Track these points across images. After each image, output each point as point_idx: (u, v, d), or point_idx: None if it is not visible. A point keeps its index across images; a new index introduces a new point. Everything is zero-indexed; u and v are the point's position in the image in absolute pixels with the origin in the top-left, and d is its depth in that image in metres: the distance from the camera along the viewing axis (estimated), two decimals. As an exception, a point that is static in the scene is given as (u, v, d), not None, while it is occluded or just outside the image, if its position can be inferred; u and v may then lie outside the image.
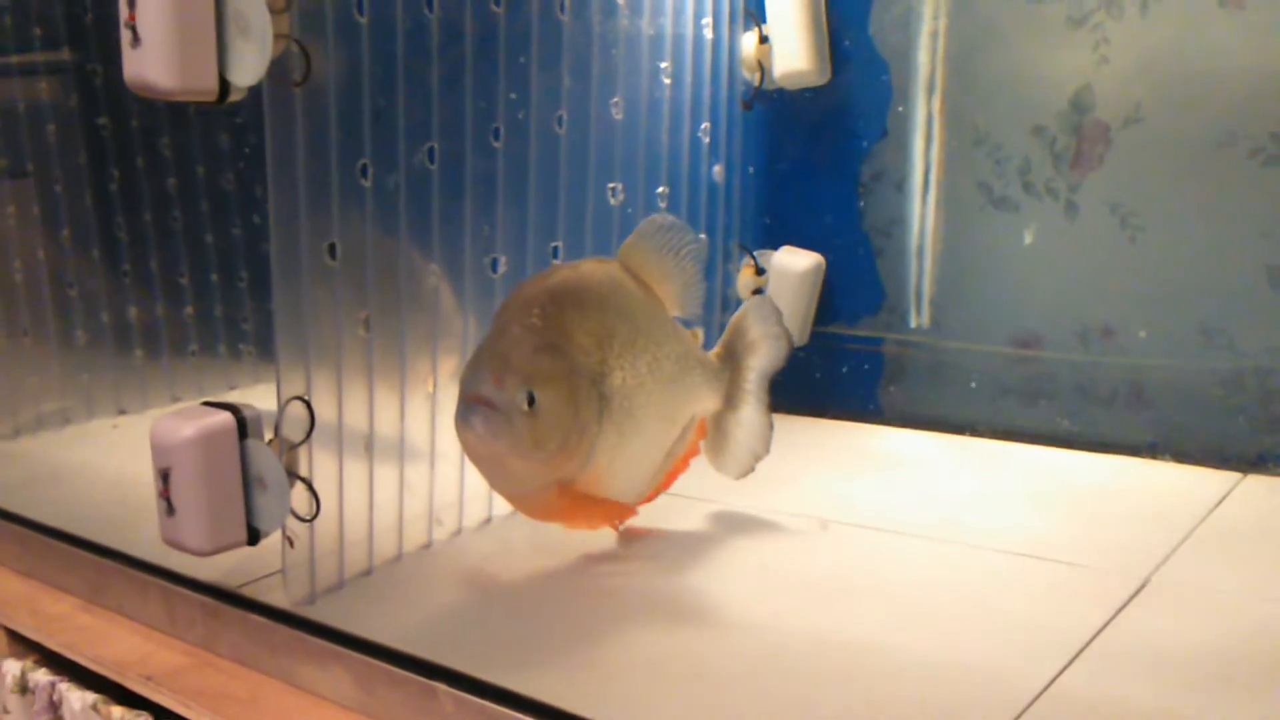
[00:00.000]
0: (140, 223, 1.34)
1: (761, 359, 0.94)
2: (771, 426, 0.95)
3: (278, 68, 0.73)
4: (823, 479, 1.07)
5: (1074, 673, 0.67)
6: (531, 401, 0.75)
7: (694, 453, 0.94)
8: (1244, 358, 1.04)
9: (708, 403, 0.92)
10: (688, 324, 0.93)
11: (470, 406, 0.75)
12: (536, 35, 0.93)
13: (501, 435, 0.75)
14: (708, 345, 0.96)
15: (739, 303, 1.25)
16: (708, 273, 1.17)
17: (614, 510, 0.87)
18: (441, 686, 0.70)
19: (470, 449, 0.79)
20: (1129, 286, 1.09)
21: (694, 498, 1.01)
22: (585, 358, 0.80)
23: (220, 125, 1.39)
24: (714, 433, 0.94)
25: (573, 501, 0.82)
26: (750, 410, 0.94)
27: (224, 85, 0.72)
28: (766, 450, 0.95)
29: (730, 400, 0.93)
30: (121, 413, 1.35)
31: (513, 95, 0.90)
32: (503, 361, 0.76)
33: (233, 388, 1.42)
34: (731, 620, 0.77)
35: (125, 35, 0.70)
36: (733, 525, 0.96)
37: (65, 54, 1.28)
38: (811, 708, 0.65)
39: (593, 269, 0.85)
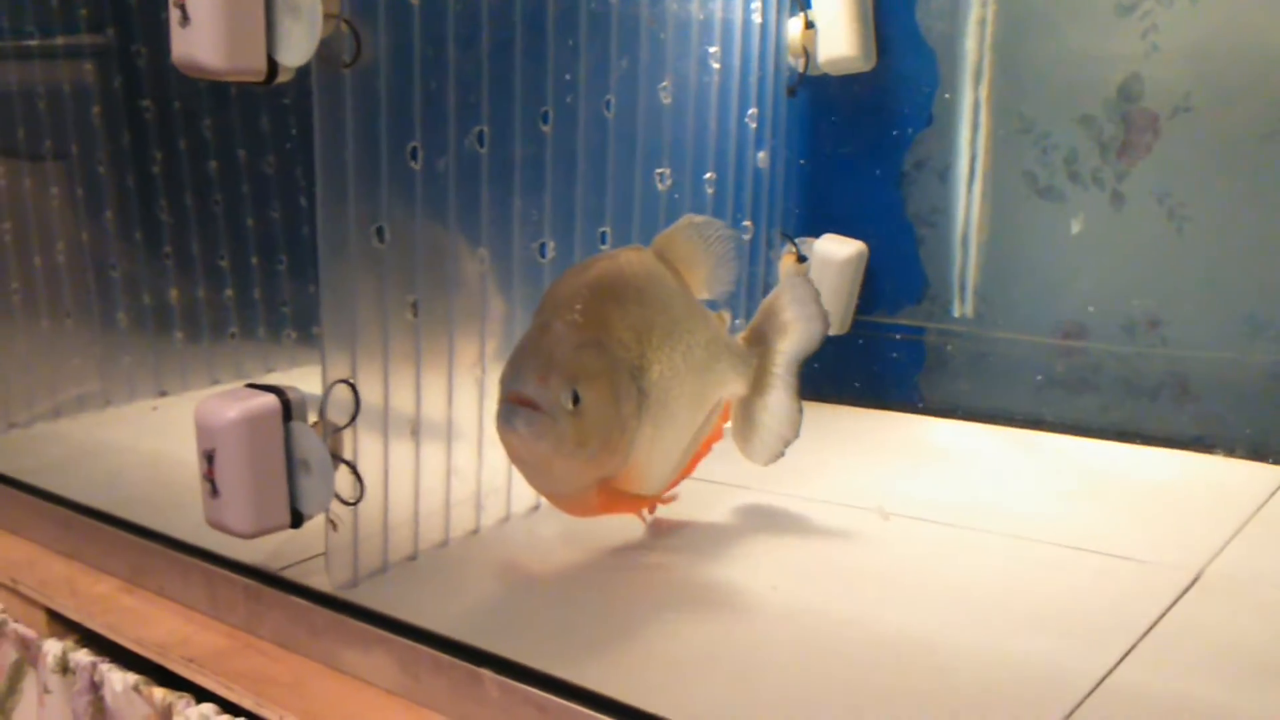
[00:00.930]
0: (182, 205, 1.34)
1: (793, 342, 0.92)
2: (801, 411, 0.92)
3: (327, 48, 0.73)
4: (864, 469, 1.07)
5: (1129, 666, 0.67)
6: (576, 400, 0.73)
7: (717, 437, 0.92)
8: (1292, 351, 1.03)
9: (735, 387, 0.91)
10: (714, 305, 0.91)
11: (513, 408, 0.74)
12: (585, 18, 0.92)
13: (546, 436, 0.73)
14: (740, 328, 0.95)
15: (780, 290, 1.24)
16: (748, 258, 1.17)
17: (647, 502, 0.86)
18: (487, 673, 0.69)
19: (513, 451, 0.77)
20: (1176, 278, 1.08)
21: (734, 485, 1.00)
22: (625, 352, 0.78)
23: (262, 108, 1.39)
24: (741, 418, 0.93)
25: (610, 497, 0.81)
26: (778, 395, 0.92)
27: (272, 65, 0.71)
28: (796, 435, 0.93)
29: (758, 385, 0.92)
30: (162, 394, 1.35)
31: (566, 78, 0.90)
32: (547, 359, 0.74)
33: (271, 370, 1.42)
34: (778, 611, 0.76)
35: (174, 14, 0.70)
36: (774, 515, 0.95)
37: (110, 35, 1.28)
38: (861, 700, 0.64)
39: (630, 258, 0.83)
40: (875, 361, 1.27)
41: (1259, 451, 1.04)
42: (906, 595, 0.78)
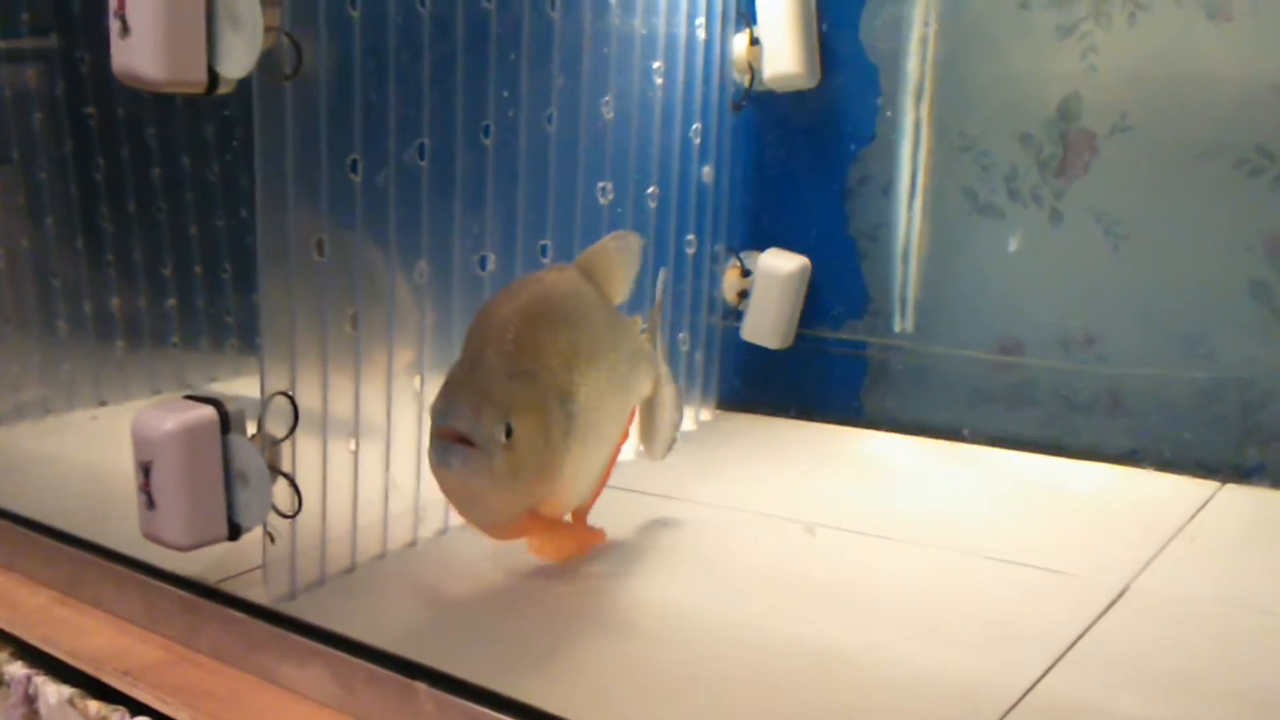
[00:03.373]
0: (125, 213, 1.33)
1: (658, 331, 0.95)
2: (680, 394, 0.96)
3: (268, 60, 0.73)
4: (804, 481, 1.07)
5: (1053, 679, 0.68)
6: (509, 433, 0.73)
7: (624, 438, 0.92)
8: (1224, 368, 1.04)
9: (645, 390, 0.92)
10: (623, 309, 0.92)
11: (447, 445, 0.73)
12: (528, 32, 0.92)
13: (481, 472, 0.73)
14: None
15: (726, 305, 1.25)
16: (692, 272, 1.18)
17: (584, 538, 0.86)
18: (422, 686, 0.69)
19: (447, 485, 0.77)
20: (1111, 295, 1.10)
21: (671, 497, 1.01)
22: (554, 379, 0.77)
23: (207, 117, 1.38)
24: (644, 418, 0.94)
25: (538, 523, 0.80)
26: (668, 385, 0.94)
27: (213, 77, 0.71)
28: (682, 417, 0.96)
29: (655, 380, 0.93)
30: (102, 404, 1.34)
31: (504, 93, 0.90)
32: (480, 393, 0.73)
33: (214, 380, 1.41)
34: (713, 624, 0.77)
35: (114, 25, 0.70)
36: (712, 526, 0.96)
37: (53, 41, 1.27)
38: (790, 712, 0.65)
39: (556, 280, 0.83)
40: (817, 375, 1.28)
41: (1189, 466, 1.06)
42: (835, 608, 0.79)
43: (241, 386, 1.34)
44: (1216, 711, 0.65)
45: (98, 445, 1.20)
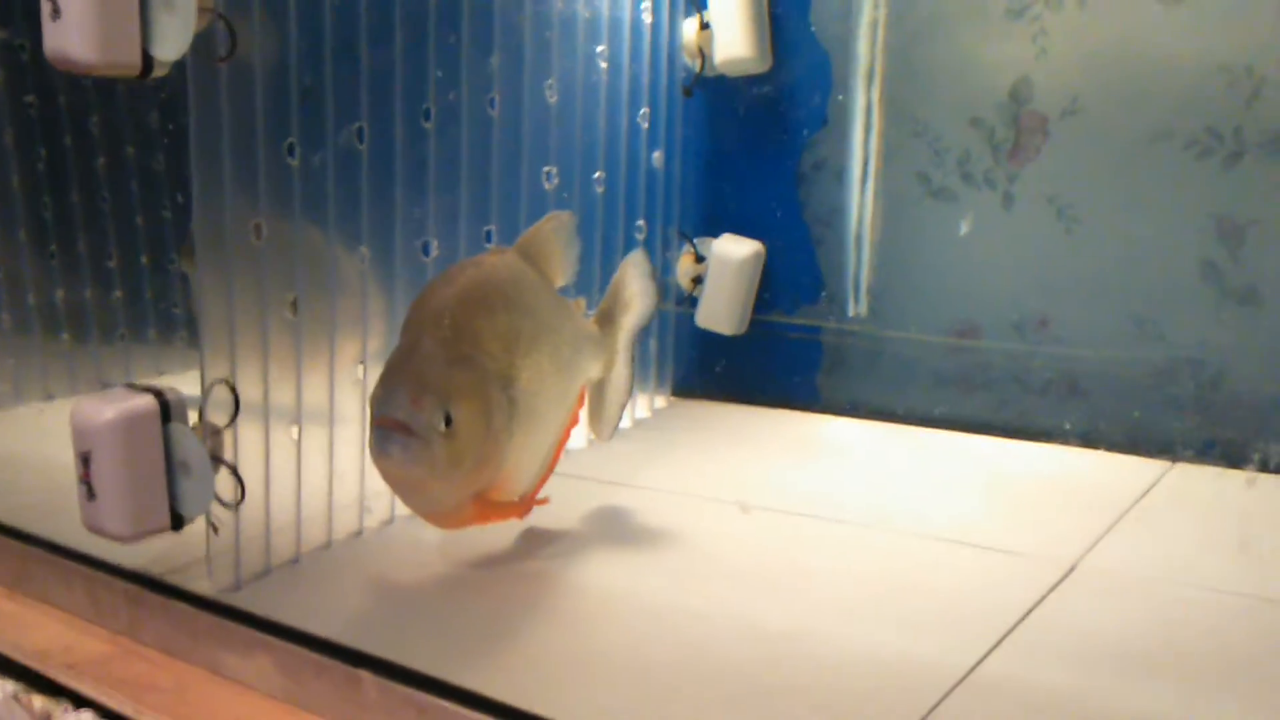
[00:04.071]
0: (68, 203, 1.31)
1: (634, 316, 0.94)
2: (634, 377, 0.95)
3: (202, 42, 0.72)
4: (758, 467, 1.07)
5: (996, 658, 0.68)
6: (448, 421, 0.72)
7: (574, 422, 0.92)
8: (1176, 349, 1.05)
9: (592, 372, 0.92)
10: (565, 292, 0.92)
11: (386, 433, 0.72)
12: (467, 14, 0.92)
13: (421, 461, 0.72)
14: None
15: (680, 291, 1.25)
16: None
17: (520, 509, 0.86)
18: (366, 674, 0.69)
19: (388, 475, 0.76)
20: (1065, 278, 1.10)
21: (624, 484, 1.00)
22: (494, 364, 0.77)
23: (150, 104, 1.37)
24: (593, 399, 0.94)
25: (483, 509, 0.80)
26: (620, 368, 0.94)
27: (147, 60, 0.70)
28: (630, 397, 0.96)
29: (606, 364, 0.93)
30: (49, 398, 1.33)
31: (438, 73, 0.89)
32: (418, 380, 0.72)
33: (162, 373, 1.39)
34: (658, 608, 0.77)
35: (45, 6, 0.69)
36: (663, 512, 0.95)
37: (-9, 30, 1.26)
38: (735, 694, 0.65)
39: (495, 264, 0.82)
40: (773, 360, 1.28)
41: (1141, 447, 1.07)
42: (782, 590, 0.79)
43: (192, 379, 1.33)
44: (1161, 689, 0.65)
45: (44, 440, 1.19)
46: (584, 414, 0.94)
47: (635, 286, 0.93)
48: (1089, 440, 1.10)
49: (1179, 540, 0.86)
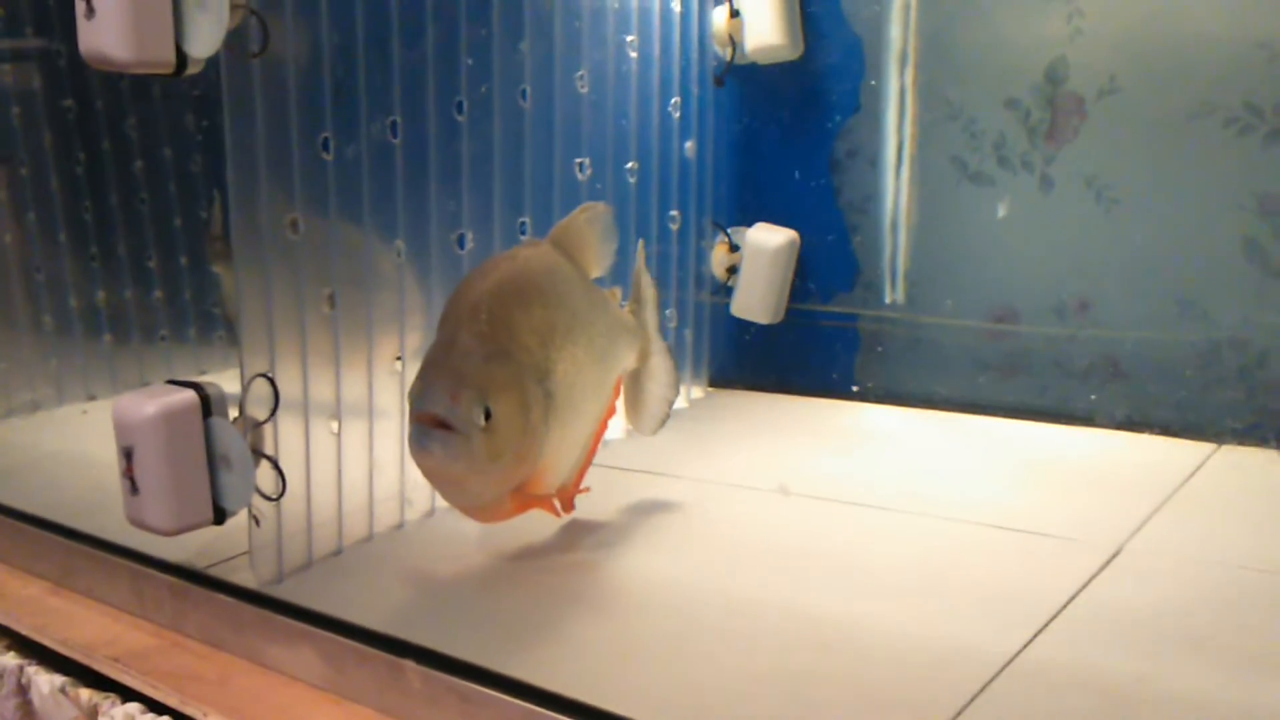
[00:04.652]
0: (107, 206, 1.33)
1: (650, 304, 0.94)
2: (677, 368, 0.95)
3: (235, 39, 0.72)
4: (798, 455, 1.07)
5: (1043, 642, 0.67)
6: (488, 415, 0.72)
7: (611, 413, 0.91)
8: (1219, 329, 1.04)
9: (628, 362, 0.91)
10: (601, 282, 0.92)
11: (425, 429, 0.72)
12: (498, 7, 0.92)
13: (460, 456, 0.72)
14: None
15: (714, 281, 1.25)
16: (677, 248, 1.17)
17: (559, 497, 0.86)
18: (409, 663, 0.69)
19: (427, 470, 0.76)
20: (1105, 259, 1.09)
21: (663, 473, 1.00)
22: (531, 357, 0.77)
23: (185, 105, 1.38)
24: (630, 390, 0.93)
25: (522, 501, 0.80)
26: (658, 359, 0.93)
27: (181, 57, 0.71)
28: (677, 393, 0.95)
29: (641, 354, 0.92)
30: (91, 398, 1.34)
31: (469, 61, 0.89)
32: (456, 376, 0.72)
33: (203, 372, 1.41)
34: (701, 596, 0.77)
35: (80, 6, 0.69)
36: (703, 501, 0.95)
37: (29, 36, 1.27)
38: (780, 681, 0.65)
39: (529, 256, 0.82)
40: (809, 349, 1.27)
41: (1185, 429, 1.05)
42: (826, 577, 0.79)
43: (231, 377, 1.34)
44: (1207, 671, 0.64)
45: (87, 439, 1.20)
46: (620, 405, 0.93)
47: (643, 277, 0.94)
48: (1132, 424, 1.08)
49: (1227, 522, 0.85)
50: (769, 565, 0.81)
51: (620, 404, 0.93)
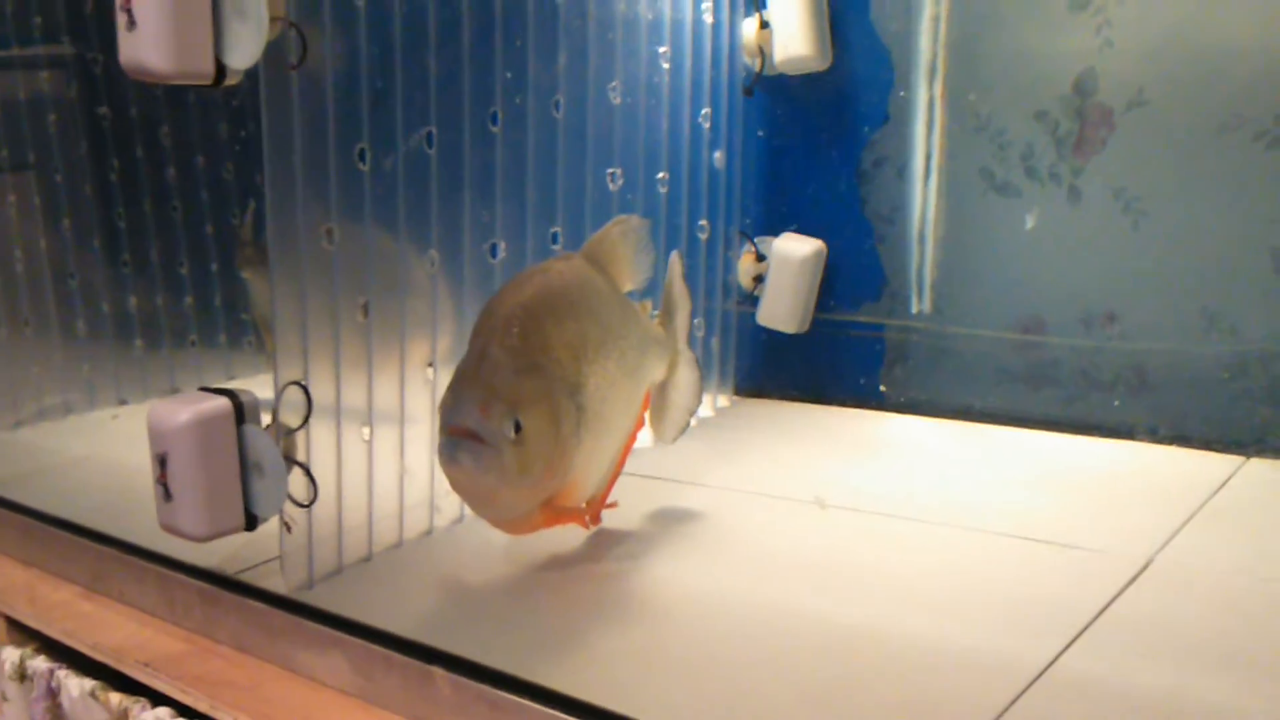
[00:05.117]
0: (140, 213, 1.34)
1: (681, 315, 0.93)
2: (702, 379, 0.95)
3: (274, 50, 0.73)
4: (824, 465, 1.07)
5: (1074, 654, 0.67)
6: (518, 428, 0.72)
7: (640, 425, 0.91)
8: (1247, 342, 1.03)
9: (657, 375, 0.91)
10: (633, 295, 0.92)
11: (455, 441, 0.72)
12: (533, 19, 0.92)
13: (491, 469, 0.72)
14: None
15: (741, 291, 1.25)
16: (705, 258, 1.17)
17: (588, 512, 0.86)
18: (438, 670, 0.69)
19: (457, 483, 0.77)
20: (1132, 271, 1.09)
21: (690, 482, 1.00)
22: (562, 371, 0.77)
23: (220, 114, 1.39)
24: (657, 401, 0.93)
25: (552, 514, 0.80)
26: (684, 370, 0.93)
27: (220, 68, 0.71)
28: (699, 403, 0.95)
29: (670, 365, 0.93)
30: (123, 403, 1.35)
31: (508, 74, 0.90)
32: (487, 389, 0.73)
33: (233, 378, 1.42)
34: (731, 606, 0.77)
35: (120, 18, 0.70)
36: (731, 510, 0.95)
37: (65, 44, 1.28)
38: (810, 691, 0.65)
39: (561, 269, 0.82)
40: (835, 359, 1.27)
41: (1213, 442, 1.05)
42: (854, 588, 0.79)
43: (261, 383, 1.35)
44: (1240, 684, 0.64)
45: (119, 444, 1.21)
46: (647, 415, 0.94)
47: (677, 287, 0.93)
48: (1160, 436, 1.08)
49: (1257, 535, 0.85)
50: (796, 574, 0.81)
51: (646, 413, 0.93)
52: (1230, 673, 0.65)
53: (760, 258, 1.24)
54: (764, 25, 1.19)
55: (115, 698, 0.83)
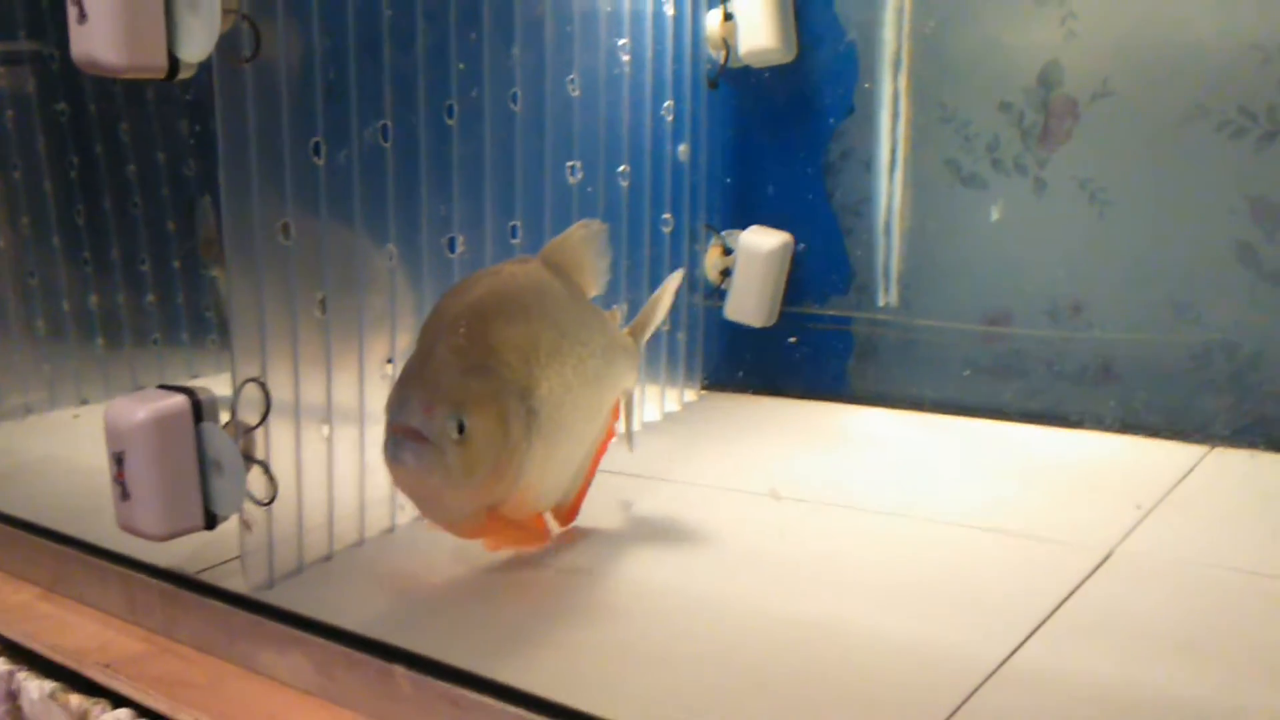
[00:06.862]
0: (100, 210, 1.33)
1: (650, 328, 0.94)
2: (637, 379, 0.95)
3: (227, 43, 0.72)
4: (790, 458, 1.07)
5: (1033, 646, 0.67)
6: (462, 429, 0.72)
7: (610, 435, 0.91)
8: (1212, 332, 1.04)
9: (627, 383, 0.91)
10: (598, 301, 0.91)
11: (399, 440, 0.72)
12: (488, 11, 0.92)
13: (434, 469, 0.72)
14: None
15: (708, 285, 1.25)
16: (669, 252, 1.17)
17: (538, 535, 0.84)
18: (399, 668, 0.69)
19: (401, 482, 0.76)
20: (1098, 262, 1.09)
21: (655, 477, 1.00)
22: (512, 373, 0.76)
23: (178, 110, 1.38)
24: (625, 409, 0.93)
25: (499, 524, 0.79)
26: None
27: (173, 62, 0.71)
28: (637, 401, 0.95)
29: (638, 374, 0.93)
30: (84, 402, 1.34)
31: (461, 65, 0.89)
32: (431, 388, 0.72)
33: (196, 376, 1.41)
34: (691, 600, 0.77)
35: (72, 11, 0.69)
36: (695, 505, 0.95)
37: (22, 39, 1.27)
38: (768, 685, 0.64)
39: (515, 272, 0.81)
40: (803, 352, 1.27)
41: (1177, 432, 1.06)
42: (815, 581, 0.79)
43: (224, 381, 1.35)
44: (1199, 675, 0.64)
45: (80, 444, 1.20)
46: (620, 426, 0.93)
47: (663, 303, 0.93)
48: (1125, 426, 1.08)
49: (1218, 524, 0.85)
50: (760, 569, 0.81)
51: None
52: (1191, 663, 0.65)
53: (727, 251, 1.23)
54: (728, 17, 1.18)
55: (75, 699, 0.82)
